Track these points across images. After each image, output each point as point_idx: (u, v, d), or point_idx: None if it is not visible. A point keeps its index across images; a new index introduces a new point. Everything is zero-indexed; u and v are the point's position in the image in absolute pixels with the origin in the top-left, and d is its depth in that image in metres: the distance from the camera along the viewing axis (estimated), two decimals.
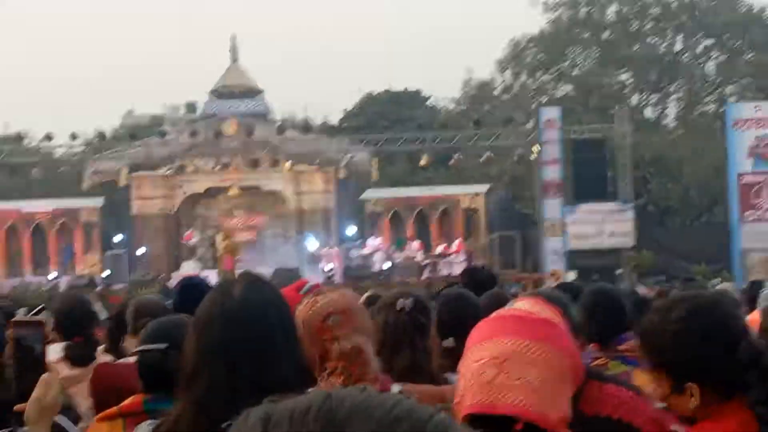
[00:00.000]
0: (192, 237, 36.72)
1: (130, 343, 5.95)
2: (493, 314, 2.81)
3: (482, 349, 2.61)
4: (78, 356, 5.84)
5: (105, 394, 4.58)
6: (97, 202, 38.91)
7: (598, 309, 5.10)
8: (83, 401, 4.97)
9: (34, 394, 3.01)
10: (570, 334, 2.76)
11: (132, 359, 4.97)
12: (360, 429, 0.92)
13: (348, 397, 0.97)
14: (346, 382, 3.36)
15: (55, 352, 5.56)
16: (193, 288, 5.82)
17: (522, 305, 2.89)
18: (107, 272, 35.06)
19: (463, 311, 5.06)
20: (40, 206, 38.94)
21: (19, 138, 40.12)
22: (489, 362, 2.55)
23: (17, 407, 3.06)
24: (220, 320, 2.68)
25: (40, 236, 38.33)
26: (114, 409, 3.75)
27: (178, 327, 3.75)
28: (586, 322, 5.01)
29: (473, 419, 2.52)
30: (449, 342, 4.81)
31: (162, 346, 3.74)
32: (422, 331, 4.38)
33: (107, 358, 6.27)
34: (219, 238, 33.27)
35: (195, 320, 2.79)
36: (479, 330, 2.72)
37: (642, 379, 4.65)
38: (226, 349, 2.64)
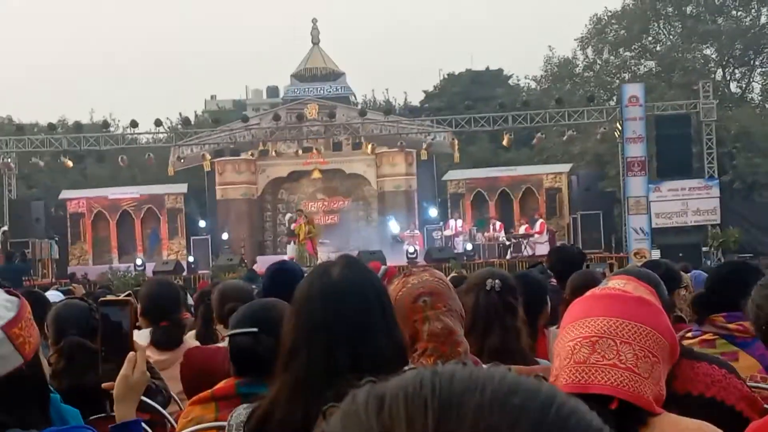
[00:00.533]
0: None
1: (220, 329, 6.03)
2: (587, 293, 2.80)
3: (576, 328, 2.61)
4: (164, 340, 5.88)
5: (195, 379, 4.63)
6: (182, 187, 39.32)
7: (728, 283, 4.96)
8: (172, 385, 5.03)
9: (122, 371, 3.07)
10: (665, 313, 2.74)
11: (222, 344, 5.04)
12: (476, 402, 0.92)
13: (455, 372, 0.97)
14: (437, 363, 3.39)
15: (142, 337, 5.63)
16: (283, 273, 5.84)
17: (615, 284, 2.88)
18: (191, 257, 35.40)
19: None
20: (127, 193, 39.49)
21: (105, 125, 40.62)
22: (582, 341, 2.56)
23: (105, 385, 3.12)
24: (319, 299, 2.74)
25: (126, 222, 38.85)
26: (206, 392, 3.78)
27: (269, 310, 3.78)
28: (709, 293, 4.96)
29: None
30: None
31: (253, 330, 3.76)
32: (512, 311, 4.37)
33: (194, 342, 6.34)
34: (301, 223, 33.33)
35: (294, 300, 2.84)
36: (573, 309, 2.72)
37: (749, 361, 4.60)
38: (325, 327, 2.70)
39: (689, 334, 4.86)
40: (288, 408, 2.67)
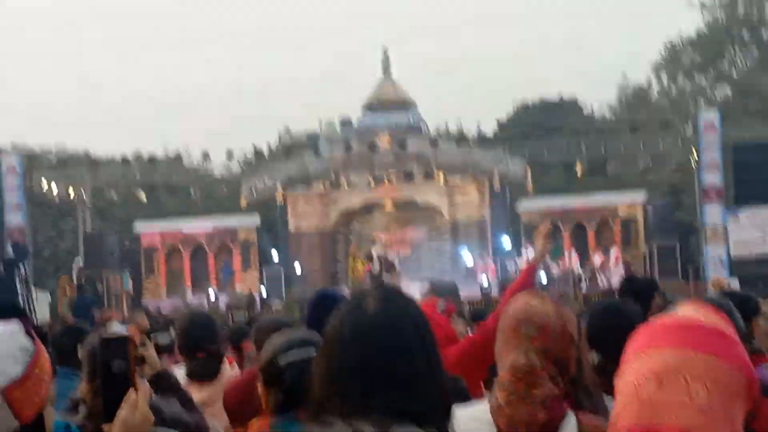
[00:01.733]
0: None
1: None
2: (654, 321, 2.52)
3: (641, 360, 2.31)
4: (200, 372, 5.74)
5: (238, 409, 4.42)
6: (254, 220, 39.45)
7: None
8: (220, 422, 4.84)
9: (120, 414, 2.83)
10: (741, 345, 2.44)
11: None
12: None
13: None
14: (508, 399, 3.19)
15: (178, 373, 5.47)
16: (328, 302, 5.54)
17: (686, 311, 2.55)
18: (264, 290, 35.40)
19: (613, 323, 4.78)
20: (200, 226, 39.69)
21: (178, 158, 40.90)
22: (648, 376, 2.26)
23: (105, 427, 2.88)
24: (353, 338, 2.37)
25: (199, 255, 39.03)
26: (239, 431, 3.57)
27: (295, 343, 3.56)
28: None
29: None
30: (593, 356, 4.53)
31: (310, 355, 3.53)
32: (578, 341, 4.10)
33: (234, 372, 6.16)
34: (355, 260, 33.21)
35: (324, 339, 2.48)
36: (638, 339, 2.43)
37: None
38: (360, 371, 2.33)
39: None
40: None
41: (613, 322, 4.82)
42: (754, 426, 2.43)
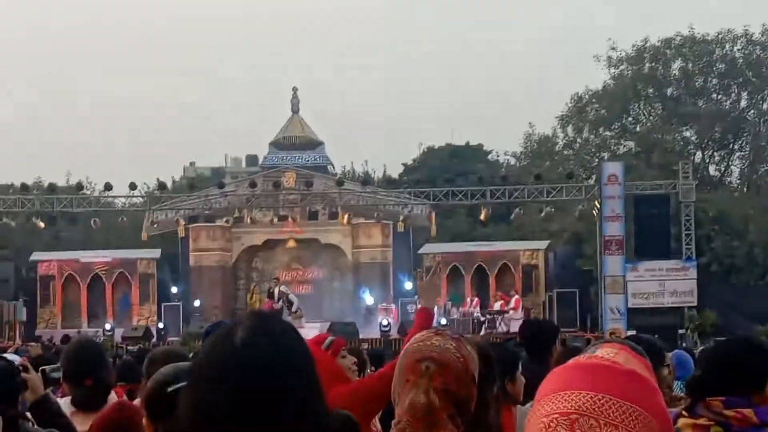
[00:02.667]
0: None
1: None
2: (570, 361, 2.40)
3: (553, 401, 2.19)
4: (85, 401, 5.52)
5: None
6: (155, 253, 39.00)
7: (728, 365, 4.49)
8: None
9: None
10: (660, 392, 2.34)
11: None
12: None
13: None
14: None
15: (64, 405, 5.29)
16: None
17: (604, 353, 2.42)
18: (162, 324, 34.96)
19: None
20: (99, 256, 39.10)
21: (79, 187, 40.23)
22: (559, 419, 2.13)
23: None
24: (219, 373, 2.07)
25: (97, 286, 38.45)
26: None
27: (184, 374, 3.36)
28: (706, 374, 4.53)
29: None
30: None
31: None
32: (483, 380, 3.99)
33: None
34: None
35: (189, 375, 2.21)
36: (552, 378, 2.31)
37: None
38: (225, 412, 2.04)
39: (684, 413, 4.46)
40: None
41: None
42: None
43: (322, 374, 2.28)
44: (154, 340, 32.15)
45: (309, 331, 31.11)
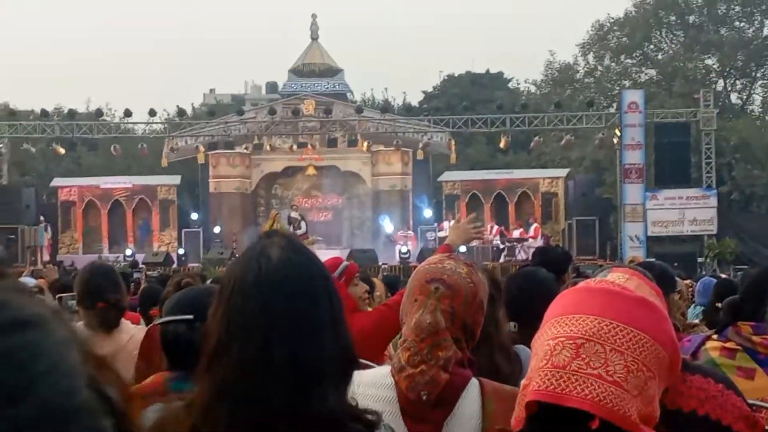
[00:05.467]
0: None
1: None
2: (580, 284, 2.41)
3: (560, 324, 2.20)
4: (98, 323, 5.57)
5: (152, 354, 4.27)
6: (175, 179, 39.08)
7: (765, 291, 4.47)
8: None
9: None
10: (669, 320, 2.34)
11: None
12: None
13: None
14: (410, 359, 3.06)
15: (80, 329, 5.33)
16: None
17: (615, 277, 2.41)
18: (182, 250, 35.10)
19: (530, 291, 4.71)
20: (119, 182, 39.21)
21: (99, 114, 40.19)
22: (565, 342, 2.15)
23: None
24: (255, 286, 2.23)
25: (118, 212, 38.60)
26: (133, 388, 3.40)
27: (208, 296, 3.39)
28: (742, 299, 4.52)
29: (540, 408, 2.15)
30: (511, 327, 4.45)
31: (188, 317, 3.38)
32: (491, 301, 4.01)
33: (135, 328, 5.97)
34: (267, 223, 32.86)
35: (223, 286, 2.33)
36: (561, 301, 2.32)
37: (766, 381, 4.21)
38: (261, 320, 2.19)
39: (714, 336, 4.47)
40: (208, 416, 2.18)
41: (529, 290, 4.75)
42: (664, 399, 2.36)
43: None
44: (175, 265, 32.31)
45: (327, 257, 31.31)
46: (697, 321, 8.53)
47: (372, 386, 3.11)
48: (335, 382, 2.22)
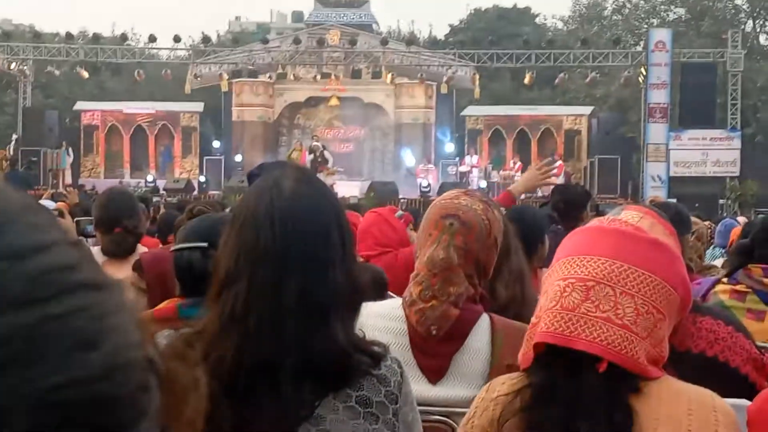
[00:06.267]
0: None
1: None
2: (593, 222, 2.40)
3: (571, 265, 2.19)
4: (113, 249, 5.60)
5: (154, 282, 4.30)
6: (198, 106, 39.04)
7: None
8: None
9: None
10: (681, 260, 2.33)
11: None
12: None
13: None
14: (421, 294, 3.08)
15: (97, 253, 5.41)
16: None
17: (628, 216, 2.38)
18: (203, 177, 35.16)
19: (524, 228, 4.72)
20: (142, 108, 39.21)
21: (123, 38, 40.10)
22: (575, 284, 2.15)
23: None
24: (268, 215, 2.24)
25: (140, 138, 38.65)
26: (147, 312, 3.44)
27: (223, 224, 3.40)
28: (756, 241, 4.49)
29: (548, 348, 2.16)
30: None
31: (202, 244, 3.39)
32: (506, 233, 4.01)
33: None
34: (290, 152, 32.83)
35: (235, 216, 2.34)
36: (572, 240, 2.31)
37: None
38: (271, 254, 2.20)
39: (724, 279, 4.46)
40: (215, 346, 2.18)
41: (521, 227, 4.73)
42: (673, 340, 2.37)
43: (397, 237, 2.38)
44: (195, 192, 32.38)
45: (347, 188, 31.35)
46: (714, 263, 8.51)
47: (382, 317, 3.13)
48: (343, 315, 2.23)
